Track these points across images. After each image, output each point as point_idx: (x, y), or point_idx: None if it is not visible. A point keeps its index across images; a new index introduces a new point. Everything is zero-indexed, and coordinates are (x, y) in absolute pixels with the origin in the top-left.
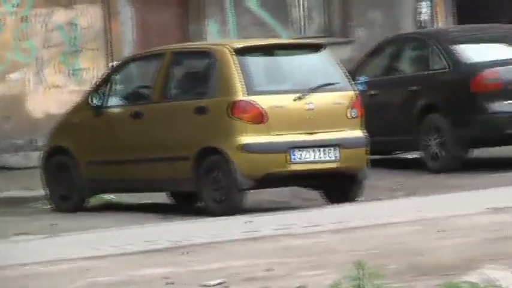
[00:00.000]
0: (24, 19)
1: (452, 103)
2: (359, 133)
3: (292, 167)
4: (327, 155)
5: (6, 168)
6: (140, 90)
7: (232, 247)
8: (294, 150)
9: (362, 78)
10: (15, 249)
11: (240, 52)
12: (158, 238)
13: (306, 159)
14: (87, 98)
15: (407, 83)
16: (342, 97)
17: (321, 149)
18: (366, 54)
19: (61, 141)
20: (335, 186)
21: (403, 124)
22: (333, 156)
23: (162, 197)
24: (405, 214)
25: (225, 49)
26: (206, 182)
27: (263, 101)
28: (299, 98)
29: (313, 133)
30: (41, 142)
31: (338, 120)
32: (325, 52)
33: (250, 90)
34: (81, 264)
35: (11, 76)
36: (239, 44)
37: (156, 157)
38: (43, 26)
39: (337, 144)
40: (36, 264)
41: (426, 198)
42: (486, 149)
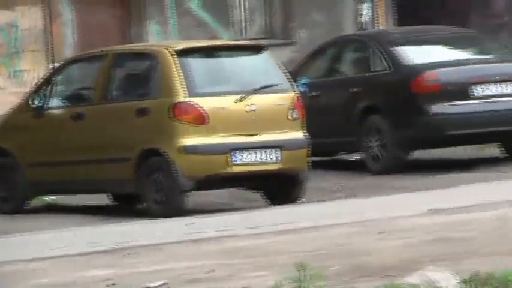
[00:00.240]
0: None
1: (393, 105)
2: (300, 134)
3: (233, 169)
4: (268, 157)
5: None
6: (81, 91)
7: (174, 249)
8: (235, 151)
9: (303, 79)
10: None
11: (181, 54)
12: (100, 240)
13: (247, 160)
14: (27, 100)
15: (348, 85)
16: (283, 99)
17: (262, 151)
18: (307, 55)
19: (2, 142)
20: (277, 187)
21: (345, 125)
22: (274, 157)
23: (103, 199)
24: (347, 215)
25: (167, 51)
26: (148, 184)
27: (204, 103)
28: (240, 100)
29: (254, 134)
30: None
31: (279, 121)
32: (266, 54)
33: (191, 91)
34: (22, 266)
35: None
36: (180, 46)
37: (98, 158)
38: None
39: (278, 145)
40: None
41: (367, 199)
42: (427, 151)
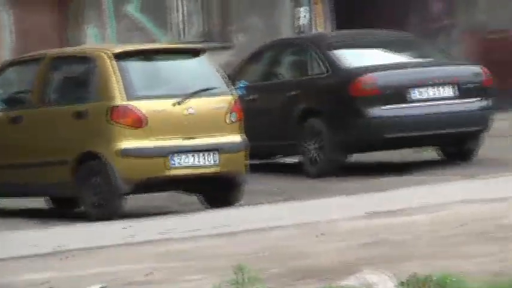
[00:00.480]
0: None
1: (331, 108)
2: (238, 137)
3: (171, 172)
4: (206, 160)
5: None
6: (19, 95)
7: (112, 252)
8: (173, 155)
9: (241, 83)
10: None
11: (119, 57)
12: (37, 243)
13: (186, 163)
14: None
15: (286, 88)
16: (221, 102)
17: (200, 154)
18: (246, 59)
19: None
20: (215, 190)
21: (284, 129)
22: (212, 160)
23: (40, 202)
24: (285, 218)
25: (104, 54)
26: (86, 187)
27: (142, 106)
28: (178, 103)
29: (192, 138)
30: None
31: (217, 124)
32: (204, 57)
33: (129, 95)
34: None
35: None
36: (118, 49)
37: (36, 162)
38: None
39: (216, 148)
40: None
41: (306, 202)
42: (366, 154)
